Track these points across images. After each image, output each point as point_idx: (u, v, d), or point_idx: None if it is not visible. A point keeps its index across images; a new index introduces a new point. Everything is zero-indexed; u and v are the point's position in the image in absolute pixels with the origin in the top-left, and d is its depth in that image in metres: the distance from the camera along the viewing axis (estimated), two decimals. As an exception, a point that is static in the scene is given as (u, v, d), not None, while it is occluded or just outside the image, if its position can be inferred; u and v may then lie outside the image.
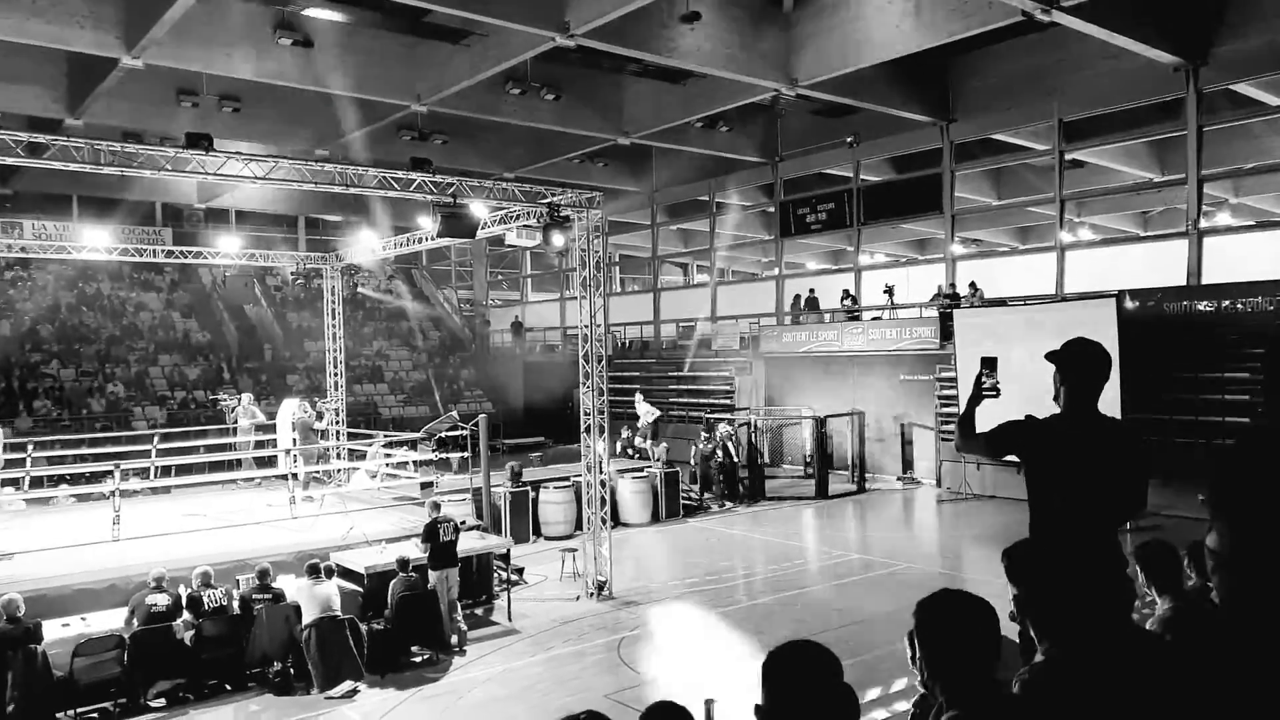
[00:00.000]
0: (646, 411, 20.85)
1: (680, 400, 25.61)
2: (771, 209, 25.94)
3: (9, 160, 9.54)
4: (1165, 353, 15.56)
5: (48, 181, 26.66)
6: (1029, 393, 4.01)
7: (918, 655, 2.22)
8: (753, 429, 20.26)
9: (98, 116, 18.92)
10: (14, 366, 24.80)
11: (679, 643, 10.51)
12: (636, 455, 19.57)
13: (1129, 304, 16.54)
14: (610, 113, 21.51)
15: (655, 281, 29.94)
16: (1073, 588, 2.28)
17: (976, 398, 3.85)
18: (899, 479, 20.81)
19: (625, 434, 20.39)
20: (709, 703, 4.09)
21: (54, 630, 8.65)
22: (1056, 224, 20.05)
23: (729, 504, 18.45)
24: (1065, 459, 3.50)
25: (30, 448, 15.80)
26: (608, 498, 12.53)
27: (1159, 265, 18.19)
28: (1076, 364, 3.58)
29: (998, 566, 2.39)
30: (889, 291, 22.00)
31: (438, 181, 11.55)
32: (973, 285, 20.35)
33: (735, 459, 19.03)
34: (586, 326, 12.35)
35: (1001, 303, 19.48)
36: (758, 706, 2.11)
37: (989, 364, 3.88)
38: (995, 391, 3.81)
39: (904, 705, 7.21)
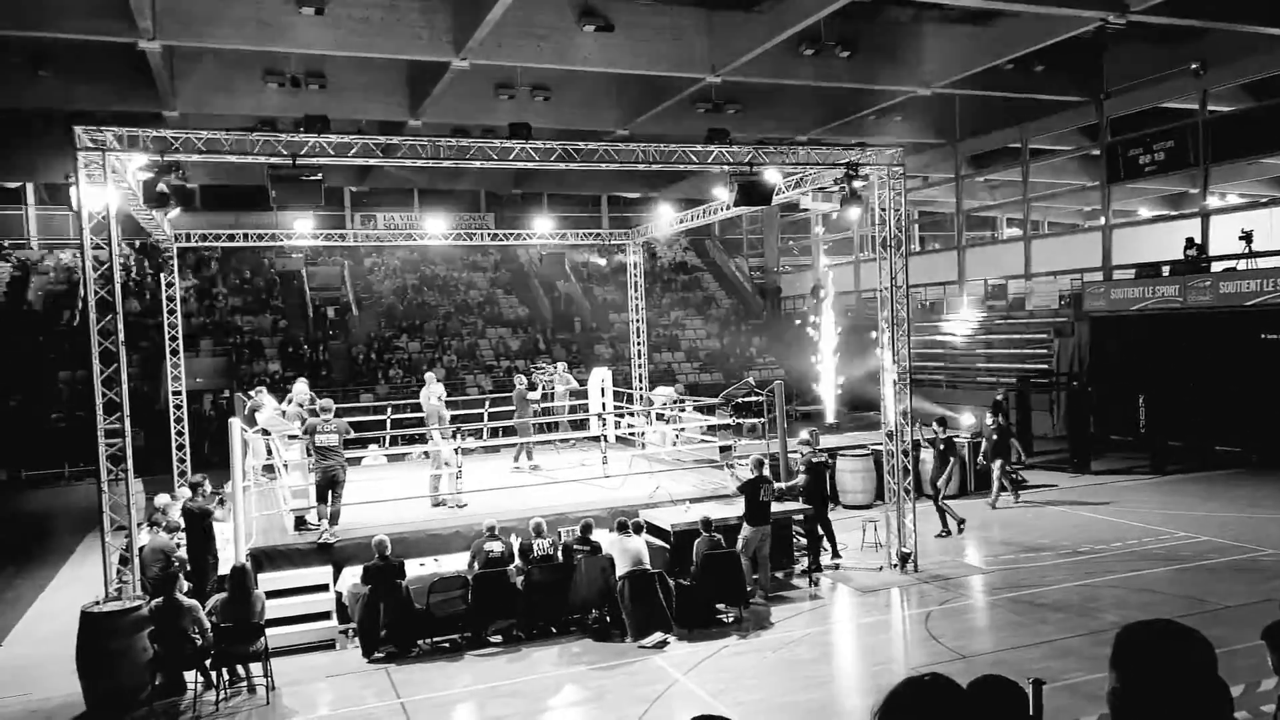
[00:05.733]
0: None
1: (991, 366, 24.02)
2: (1095, 152, 23.38)
3: (372, 161, 10.98)
4: None
5: (395, 178, 30.37)
6: None
7: None
8: (1078, 397, 18.52)
9: (432, 116, 21.18)
10: (373, 341, 28.74)
11: (993, 621, 9.94)
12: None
13: None
14: (908, 64, 20.45)
15: (959, 238, 28.21)
16: None
17: None
18: (1254, 455, 18.05)
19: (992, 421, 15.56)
20: (1037, 683, 3.78)
21: (412, 569, 9.93)
22: None
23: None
24: None
25: (389, 410, 18.20)
26: (911, 467, 12.08)
27: None
28: None
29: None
30: (1246, 238, 19.02)
31: (734, 151, 11.65)
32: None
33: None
34: (886, 289, 11.92)
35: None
36: (1114, 690, 1.91)
37: None
38: None
39: (1270, 707, 6.31)
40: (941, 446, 13.97)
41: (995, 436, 15.30)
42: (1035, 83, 21.73)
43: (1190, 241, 20.39)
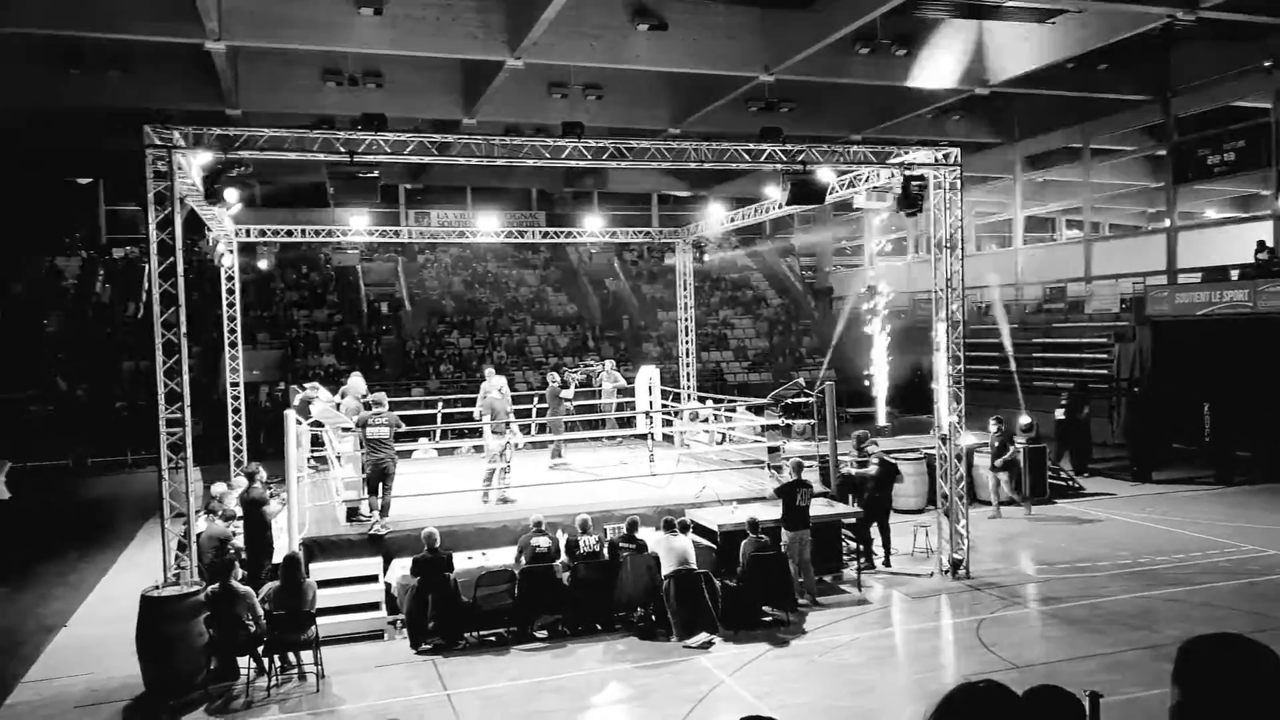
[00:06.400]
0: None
1: (1047, 370, 23.51)
2: (1160, 152, 22.75)
3: (426, 159, 11.12)
4: None
5: (448, 175, 30.73)
6: None
7: None
8: (1139, 403, 18.03)
9: (486, 115, 21.38)
10: (425, 336, 29.11)
11: (1046, 631, 9.72)
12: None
13: None
14: (967, 62, 20.11)
15: (1017, 240, 27.65)
16: None
17: None
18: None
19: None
20: (1094, 696, 3.68)
21: (460, 562, 10.01)
22: None
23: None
24: None
25: (440, 405, 18.43)
26: (964, 472, 11.86)
27: None
28: None
29: None
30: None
31: (787, 150, 11.55)
32: None
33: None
34: (940, 290, 11.72)
35: None
36: (1177, 705, 1.84)
37: None
38: None
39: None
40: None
41: (997, 444, 14.55)
42: (1097, 81, 21.21)
43: (1261, 244, 19.74)
